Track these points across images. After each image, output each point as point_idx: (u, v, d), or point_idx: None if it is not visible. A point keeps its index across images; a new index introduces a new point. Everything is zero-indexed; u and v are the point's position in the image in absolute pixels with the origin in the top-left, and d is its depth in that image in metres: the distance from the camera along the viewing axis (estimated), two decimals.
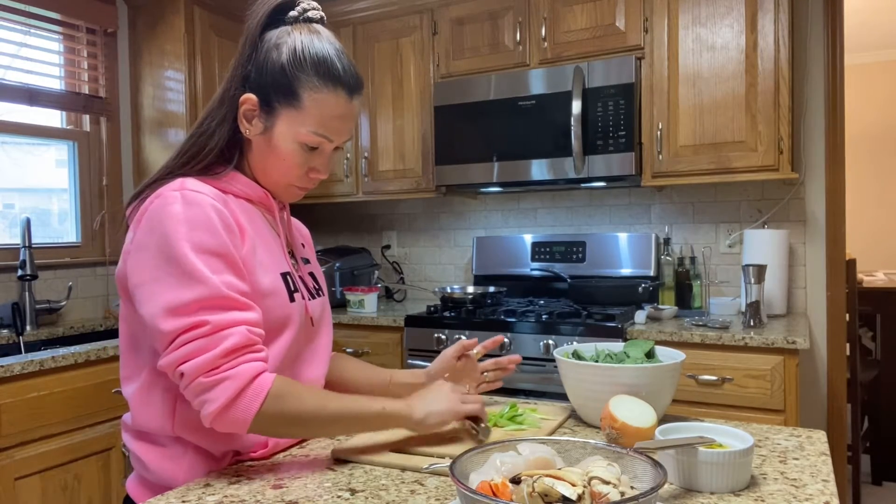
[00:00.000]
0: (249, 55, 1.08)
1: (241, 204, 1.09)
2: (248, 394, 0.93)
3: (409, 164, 3.05)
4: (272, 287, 1.06)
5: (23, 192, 2.87)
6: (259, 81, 1.07)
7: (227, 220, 1.00)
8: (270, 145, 1.09)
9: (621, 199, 2.98)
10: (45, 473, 1.95)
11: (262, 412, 0.94)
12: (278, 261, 1.11)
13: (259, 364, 0.95)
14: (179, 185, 1.01)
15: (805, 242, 2.67)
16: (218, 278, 0.95)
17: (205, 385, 0.92)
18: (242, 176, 1.11)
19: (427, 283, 3.41)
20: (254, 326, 0.97)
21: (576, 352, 1.27)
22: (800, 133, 2.65)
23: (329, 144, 1.11)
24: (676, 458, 0.91)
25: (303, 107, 1.06)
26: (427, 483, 0.95)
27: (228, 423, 0.94)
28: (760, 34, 2.38)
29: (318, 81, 1.06)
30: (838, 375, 2.63)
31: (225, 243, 0.98)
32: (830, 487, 0.90)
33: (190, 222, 0.97)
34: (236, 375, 0.93)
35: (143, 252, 0.98)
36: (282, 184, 1.13)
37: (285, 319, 1.07)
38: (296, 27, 1.08)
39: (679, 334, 2.25)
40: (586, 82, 2.55)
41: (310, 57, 1.06)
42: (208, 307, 0.94)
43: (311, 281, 1.22)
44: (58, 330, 2.60)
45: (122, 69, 3.05)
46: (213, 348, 0.92)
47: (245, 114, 1.08)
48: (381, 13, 3.08)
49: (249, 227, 1.07)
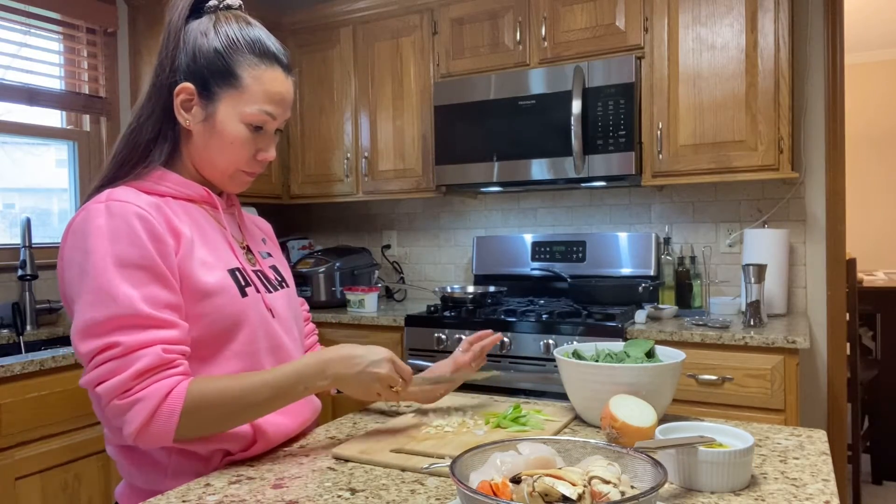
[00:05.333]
0: (175, 46, 1.08)
1: (181, 205, 1.08)
2: (163, 411, 0.93)
3: (409, 163, 3.05)
4: (219, 285, 1.04)
5: (23, 192, 2.87)
6: (193, 69, 1.06)
7: (153, 230, 0.99)
8: (214, 131, 1.08)
9: (621, 199, 2.98)
10: (45, 473, 1.95)
11: (182, 423, 0.94)
12: (225, 258, 1.09)
13: (172, 380, 0.94)
14: (106, 196, 1.00)
15: (805, 242, 2.67)
16: (139, 292, 0.94)
17: (120, 407, 0.92)
18: (175, 175, 1.09)
19: (427, 282, 3.41)
20: (172, 344, 0.96)
21: (576, 351, 1.27)
22: (800, 132, 2.65)
23: (272, 123, 1.10)
24: (677, 458, 0.91)
25: (244, 86, 1.06)
26: (427, 483, 0.95)
27: (151, 441, 0.94)
28: (760, 33, 2.38)
29: (256, 59, 1.07)
30: (838, 375, 2.63)
31: (149, 255, 0.97)
32: (831, 487, 0.90)
33: (113, 235, 0.96)
34: (148, 397, 0.92)
35: (68, 270, 0.99)
36: (229, 171, 1.11)
37: (238, 315, 1.06)
38: (220, 15, 1.10)
39: (679, 334, 2.24)
40: (586, 82, 2.55)
41: (243, 38, 1.07)
42: (122, 327, 0.93)
43: (272, 274, 1.21)
44: (58, 330, 2.60)
45: (122, 69, 3.05)
46: (126, 370, 0.92)
47: (182, 104, 1.07)
48: (381, 13, 3.08)
49: (190, 227, 1.06)
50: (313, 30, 3.27)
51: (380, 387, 1.07)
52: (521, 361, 2.44)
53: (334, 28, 3.21)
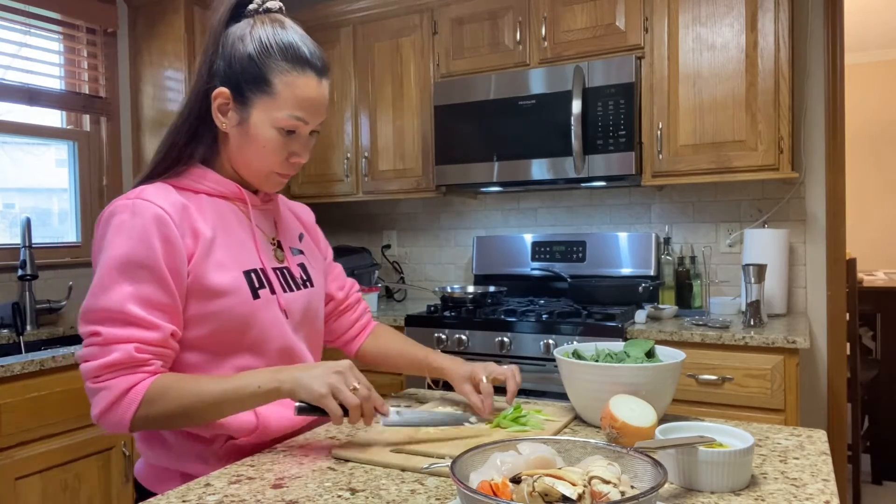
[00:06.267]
0: (215, 51, 1.11)
1: (213, 202, 1.13)
2: (122, 404, 1.00)
3: (409, 163, 3.05)
4: (231, 286, 1.09)
5: (23, 192, 2.87)
6: (229, 74, 1.10)
7: (166, 232, 1.04)
8: (248, 135, 1.11)
9: (621, 199, 2.98)
10: (45, 473, 1.95)
11: (137, 417, 1.01)
12: (246, 259, 1.13)
13: (137, 377, 1.01)
14: (136, 193, 1.07)
15: (805, 242, 2.67)
16: (135, 290, 1.01)
17: (90, 389, 1.02)
18: (213, 173, 1.15)
19: (427, 282, 3.41)
20: (148, 345, 1.02)
21: (576, 351, 1.27)
22: (800, 132, 2.65)
23: (305, 127, 1.12)
24: (677, 458, 0.91)
25: (276, 92, 1.09)
26: (427, 483, 0.95)
27: (109, 426, 1.02)
28: (760, 33, 2.37)
29: (287, 65, 1.08)
30: (838, 375, 2.63)
31: (155, 256, 1.02)
32: (831, 487, 0.90)
33: (129, 233, 1.03)
34: (111, 387, 1.00)
35: (95, 257, 1.07)
36: (263, 173, 1.15)
37: (247, 316, 1.10)
38: (257, 18, 1.11)
39: (679, 334, 2.24)
40: (586, 82, 2.55)
41: (276, 43, 1.09)
42: (109, 319, 1.01)
43: (298, 272, 1.23)
44: (58, 330, 2.60)
45: (122, 69, 3.05)
46: (100, 358, 1.00)
47: (219, 108, 1.11)
48: (381, 13, 3.08)
49: (214, 227, 1.11)
50: (313, 30, 3.26)
51: (336, 379, 1.01)
52: (521, 361, 2.44)
53: (334, 28, 3.21)
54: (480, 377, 1.25)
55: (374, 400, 1.04)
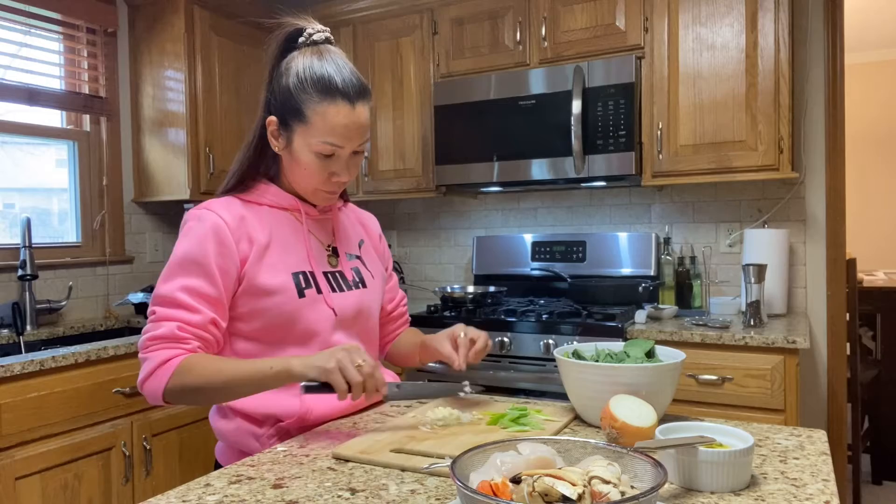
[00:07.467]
0: (269, 82, 1.27)
1: (272, 213, 1.30)
2: (158, 373, 1.15)
3: (409, 163, 3.05)
4: (279, 286, 1.23)
5: (23, 192, 2.87)
6: (275, 105, 1.25)
7: (222, 238, 1.21)
8: (293, 158, 1.26)
9: (621, 199, 2.98)
10: (45, 473, 1.95)
11: (169, 387, 1.15)
12: (296, 262, 1.27)
13: (174, 352, 1.15)
14: (206, 205, 1.26)
15: (805, 242, 2.67)
16: (186, 281, 1.18)
17: (141, 359, 1.18)
18: (274, 187, 1.31)
19: (427, 282, 3.41)
20: (190, 326, 1.17)
21: (576, 351, 1.27)
22: (800, 132, 2.65)
23: (342, 150, 1.23)
24: (677, 458, 0.91)
25: (309, 122, 1.21)
26: (427, 483, 0.95)
27: (147, 393, 1.17)
28: (761, 33, 2.38)
29: (318, 97, 1.20)
30: (838, 375, 2.63)
31: (206, 256, 1.20)
32: (831, 487, 0.90)
33: (193, 235, 1.22)
34: (151, 358, 1.16)
35: None
36: (309, 190, 1.30)
37: (293, 313, 1.24)
38: (302, 51, 1.24)
39: (679, 334, 2.24)
40: (586, 82, 2.55)
41: (309, 77, 1.21)
42: (164, 302, 1.19)
43: (352, 275, 1.36)
44: (58, 330, 2.60)
45: (122, 69, 3.05)
46: (150, 332, 1.17)
47: (272, 133, 1.27)
48: (381, 13, 3.08)
49: (270, 234, 1.26)
50: None
51: (342, 355, 1.10)
52: (521, 361, 2.44)
53: (334, 28, 3.16)
54: (459, 334, 1.36)
55: (377, 379, 1.12)
